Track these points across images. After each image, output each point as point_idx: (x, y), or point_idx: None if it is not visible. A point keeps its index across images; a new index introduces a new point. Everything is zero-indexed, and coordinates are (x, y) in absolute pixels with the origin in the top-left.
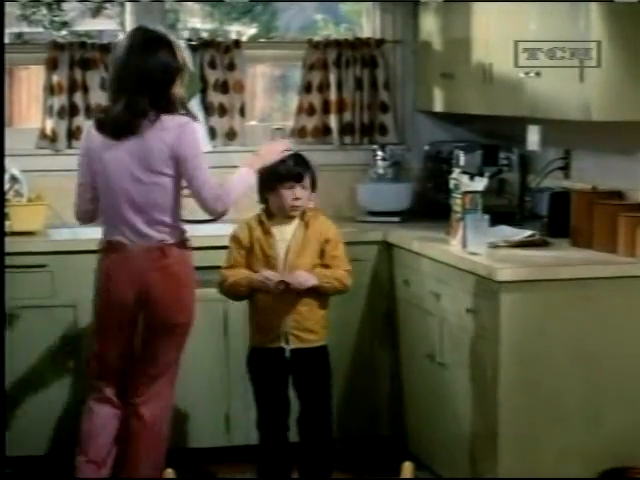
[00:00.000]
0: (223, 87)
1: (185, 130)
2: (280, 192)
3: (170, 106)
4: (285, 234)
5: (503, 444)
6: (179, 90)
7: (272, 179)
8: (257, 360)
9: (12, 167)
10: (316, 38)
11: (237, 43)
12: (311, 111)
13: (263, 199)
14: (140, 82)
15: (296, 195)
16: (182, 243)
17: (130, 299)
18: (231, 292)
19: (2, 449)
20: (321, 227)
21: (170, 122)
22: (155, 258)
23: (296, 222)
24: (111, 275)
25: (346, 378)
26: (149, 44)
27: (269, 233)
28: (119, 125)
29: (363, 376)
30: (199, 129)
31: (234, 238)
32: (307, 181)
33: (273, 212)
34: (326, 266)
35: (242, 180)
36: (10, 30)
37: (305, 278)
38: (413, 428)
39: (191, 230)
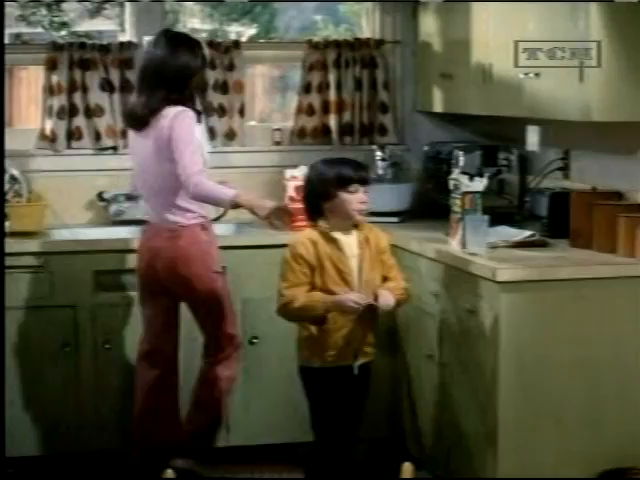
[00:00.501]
0: (223, 87)
1: (177, 117)
2: (343, 197)
3: (183, 102)
4: (352, 247)
5: (503, 444)
6: (196, 88)
7: (333, 184)
8: (327, 380)
9: (12, 167)
10: (316, 39)
11: (237, 44)
12: (310, 111)
13: (318, 210)
14: (156, 79)
15: (362, 199)
16: (197, 225)
17: (152, 274)
18: (301, 314)
19: (2, 449)
20: (375, 236)
21: (169, 111)
22: (169, 238)
23: (354, 233)
24: (140, 251)
25: None
26: (168, 44)
27: (339, 248)
28: (134, 118)
29: None
30: (193, 119)
31: (297, 256)
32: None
33: (333, 222)
34: (384, 277)
35: (219, 192)
36: (10, 30)
37: (389, 298)
38: (412, 429)
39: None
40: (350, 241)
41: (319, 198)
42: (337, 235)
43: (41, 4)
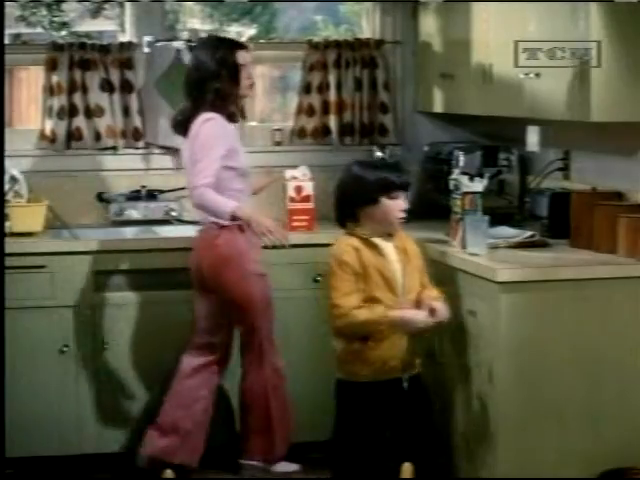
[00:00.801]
0: None
1: (204, 124)
2: (385, 204)
3: (215, 107)
4: (392, 254)
5: (502, 444)
6: (229, 91)
7: (375, 189)
8: (373, 395)
9: (12, 168)
10: (316, 39)
11: None
12: (311, 112)
13: (351, 215)
14: (190, 86)
15: (403, 206)
16: (236, 226)
17: (197, 272)
18: (362, 329)
19: (2, 450)
20: (408, 242)
21: (200, 117)
22: (209, 237)
23: (391, 239)
24: (192, 249)
25: None
26: (199, 50)
27: (382, 254)
28: (175, 124)
29: None
30: (217, 124)
31: (343, 262)
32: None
33: (369, 228)
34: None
35: (220, 205)
36: (10, 31)
37: (445, 310)
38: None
39: (186, 231)
40: (389, 247)
41: (357, 203)
42: (377, 241)
43: (41, 4)
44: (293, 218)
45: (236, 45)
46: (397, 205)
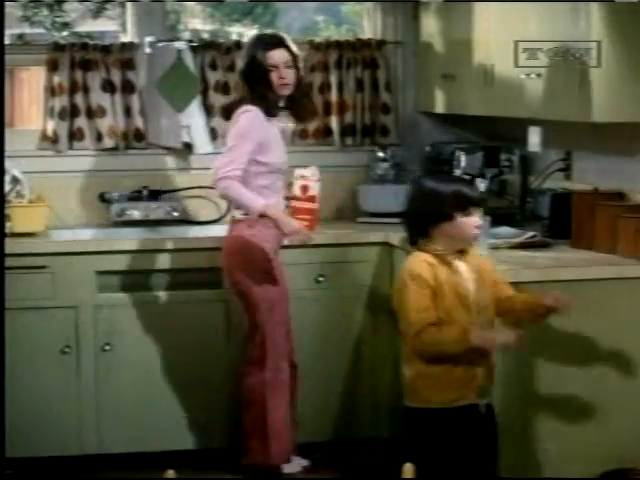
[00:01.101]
0: (224, 88)
1: (239, 116)
2: (461, 220)
3: (254, 101)
4: (466, 271)
5: (504, 444)
6: (262, 90)
7: (451, 204)
8: (450, 422)
9: (13, 168)
10: (317, 39)
11: (238, 44)
12: None
13: (424, 233)
14: (240, 79)
15: (478, 223)
16: (245, 220)
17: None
18: (438, 349)
19: (2, 450)
20: (478, 258)
21: (241, 108)
22: (228, 230)
23: (463, 256)
24: None
25: (347, 379)
26: (247, 46)
27: (456, 272)
28: (223, 115)
29: (364, 378)
30: (254, 117)
31: (417, 277)
32: None
33: (442, 245)
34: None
35: (247, 199)
36: (11, 31)
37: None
38: None
39: (198, 231)
40: (462, 264)
41: (430, 219)
42: (451, 258)
43: (43, 4)
44: (296, 217)
45: (271, 45)
46: (472, 221)
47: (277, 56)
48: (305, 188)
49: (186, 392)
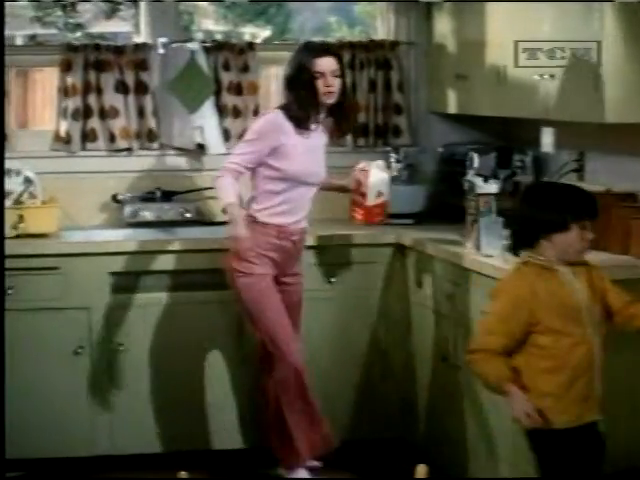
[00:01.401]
0: (237, 89)
1: (261, 115)
2: (575, 232)
3: (286, 107)
4: (575, 282)
5: (518, 446)
6: (306, 98)
7: (569, 214)
8: (569, 444)
9: (26, 169)
10: (330, 40)
11: (251, 45)
12: None
13: (531, 243)
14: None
15: (590, 235)
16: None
17: None
18: (479, 378)
19: (2, 450)
20: (589, 268)
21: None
22: None
23: (571, 266)
24: None
25: (359, 380)
26: (293, 53)
27: (565, 283)
28: None
29: (376, 378)
30: (273, 120)
31: (515, 297)
32: None
33: (550, 256)
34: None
35: (223, 192)
36: (24, 32)
37: None
38: (426, 430)
39: (211, 232)
40: (571, 275)
41: (544, 227)
42: (559, 268)
43: (56, 5)
44: (352, 208)
45: (318, 52)
46: (585, 234)
47: (324, 63)
48: (359, 183)
49: (199, 393)
